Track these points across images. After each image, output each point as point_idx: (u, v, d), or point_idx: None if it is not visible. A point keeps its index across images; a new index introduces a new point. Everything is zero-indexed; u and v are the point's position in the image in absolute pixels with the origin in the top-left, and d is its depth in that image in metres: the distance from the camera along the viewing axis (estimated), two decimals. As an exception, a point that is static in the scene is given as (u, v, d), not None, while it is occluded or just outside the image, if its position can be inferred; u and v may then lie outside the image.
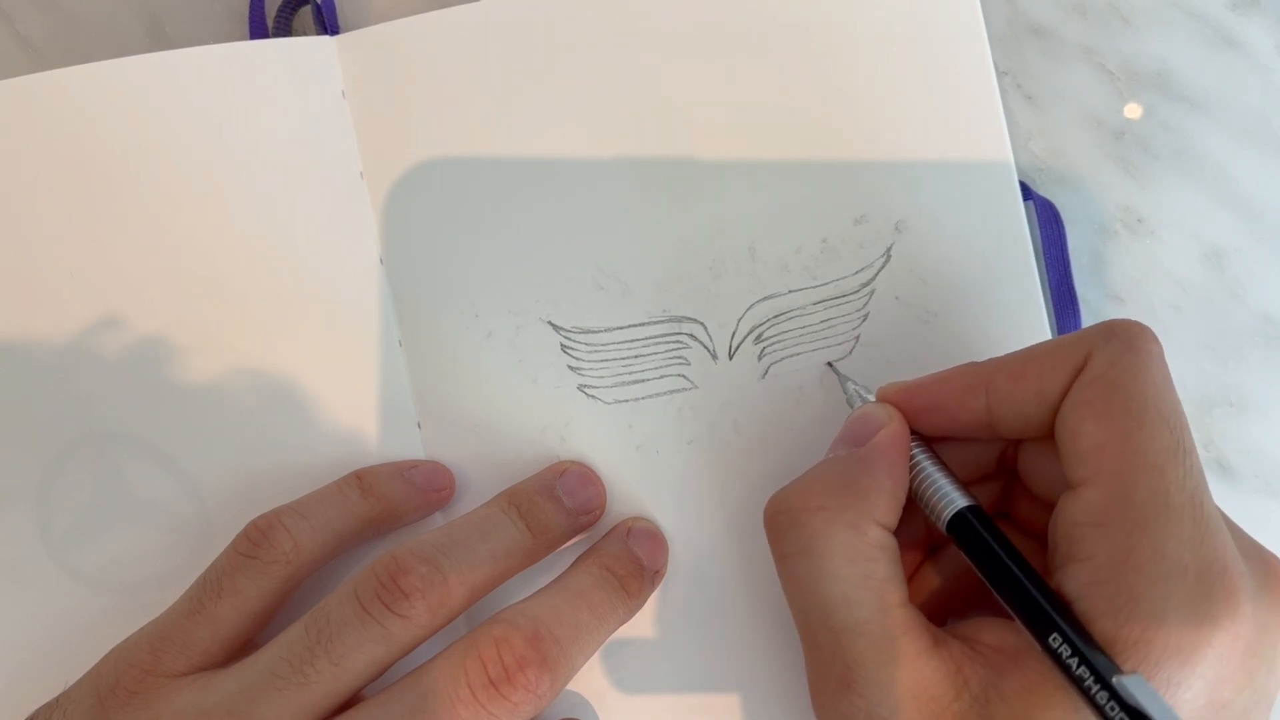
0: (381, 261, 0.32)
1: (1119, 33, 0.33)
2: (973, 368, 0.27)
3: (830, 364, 0.31)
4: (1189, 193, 0.33)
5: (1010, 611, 0.24)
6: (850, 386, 0.29)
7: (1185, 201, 0.32)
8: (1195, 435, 0.32)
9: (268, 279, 0.32)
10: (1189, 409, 0.32)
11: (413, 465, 0.31)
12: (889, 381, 0.28)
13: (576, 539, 0.31)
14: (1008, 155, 0.31)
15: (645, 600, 0.30)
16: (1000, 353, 0.27)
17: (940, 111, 0.31)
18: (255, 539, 0.28)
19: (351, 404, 0.32)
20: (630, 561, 0.30)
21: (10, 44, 0.35)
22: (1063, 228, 0.32)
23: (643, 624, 0.31)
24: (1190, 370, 0.32)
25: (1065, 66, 0.33)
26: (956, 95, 0.31)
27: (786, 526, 0.26)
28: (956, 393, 0.27)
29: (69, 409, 0.31)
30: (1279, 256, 0.32)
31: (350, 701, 0.27)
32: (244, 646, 0.28)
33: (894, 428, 0.27)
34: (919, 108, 0.31)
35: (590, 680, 0.31)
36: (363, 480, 0.30)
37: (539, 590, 0.29)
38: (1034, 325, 0.31)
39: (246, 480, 0.31)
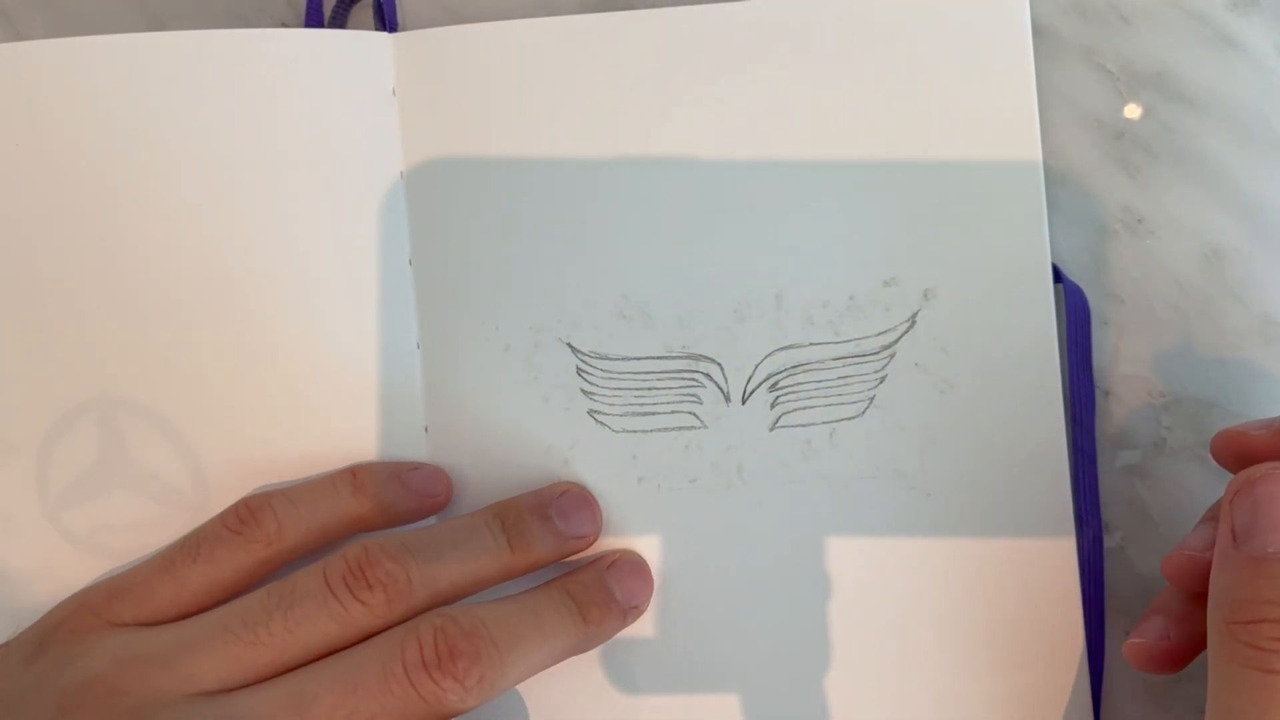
0: (410, 263, 0.32)
1: (1119, 33, 0.32)
2: None
3: None
4: (1189, 193, 0.31)
5: None
6: None
7: (1185, 201, 0.31)
8: (1195, 437, 0.30)
9: (293, 266, 0.31)
10: (1189, 410, 0.31)
11: (413, 468, 0.30)
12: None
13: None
14: (1044, 241, 0.30)
15: (608, 631, 0.29)
16: (1012, 434, 0.28)
17: (982, 189, 0.31)
18: (243, 516, 0.28)
19: (361, 401, 0.31)
20: (598, 590, 0.29)
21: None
22: (1088, 314, 0.31)
23: (622, 669, 0.30)
24: (1190, 371, 0.31)
25: (1065, 66, 0.32)
26: (1001, 174, 0.31)
27: None
28: None
29: (84, 367, 0.30)
30: (1279, 256, 0.31)
31: None
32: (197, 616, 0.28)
33: None
34: (961, 178, 0.31)
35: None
36: (356, 478, 0.29)
37: (496, 599, 0.28)
38: (1048, 414, 0.30)
39: (248, 465, 0.30)
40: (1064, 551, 0.30)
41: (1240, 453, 0.27)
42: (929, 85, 0.31)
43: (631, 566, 0.30)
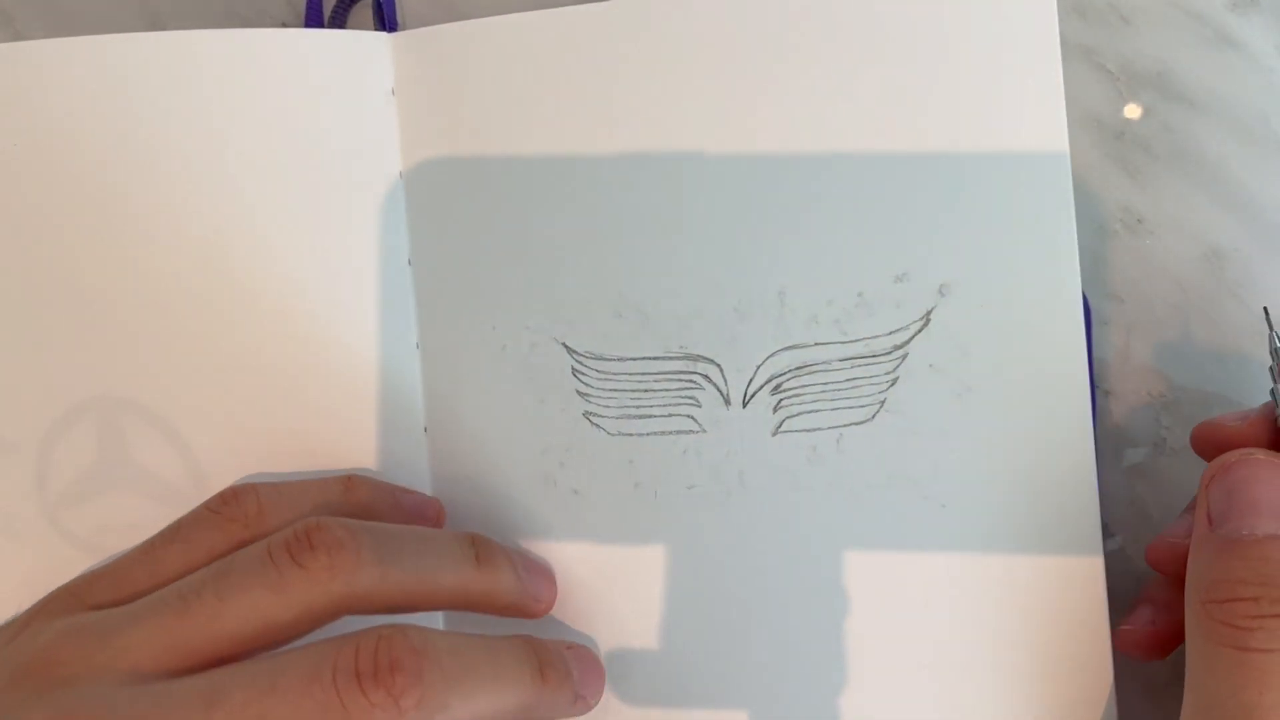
0: (410, 263, 0.31)
1: (1119, 33, 0.32)
2: None
3: (1266, 309, 0.27)
4: (1189, 193, 0.31)
5: None
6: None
7: (1185, 201, 0.31)
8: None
9: (293, 266, 0.30)
10: (1189, 410, 0.30)
11: (408, 491, 0.30)
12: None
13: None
14: (1071, 234, 0.28)
15: (558, 706, 0.27)
16: (1035, 440, 0.27)
17: (1003, 180, 0.29)
18: (226, 498, 0.27)
19: (361, 401, 0.31)
20: (558, 656, 0.27)
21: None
22: (1090, 315, 0.29)
23: (622, 681, 0.30)
24: (1190, 370, 0.31)
25: (1065, 66, 0.31)
26: (1024, 165, 0.29)
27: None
28: None
29: (84, 367, 0.30)
30: (1279, 256, 0.31)
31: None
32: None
33: None
34: (980, 168, 0.29)
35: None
36: (350, 480, 0.29)
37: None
38: (1074, 420, 0.28)
39: (249, 465, 0.30)
40: (1091, 570, 0.28)
41: (1216, 443, 0.27)
42: (945, 73, 0.29)
43: (589, 656, 0.29)
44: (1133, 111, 0.32)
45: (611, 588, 0.30)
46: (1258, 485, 0.23)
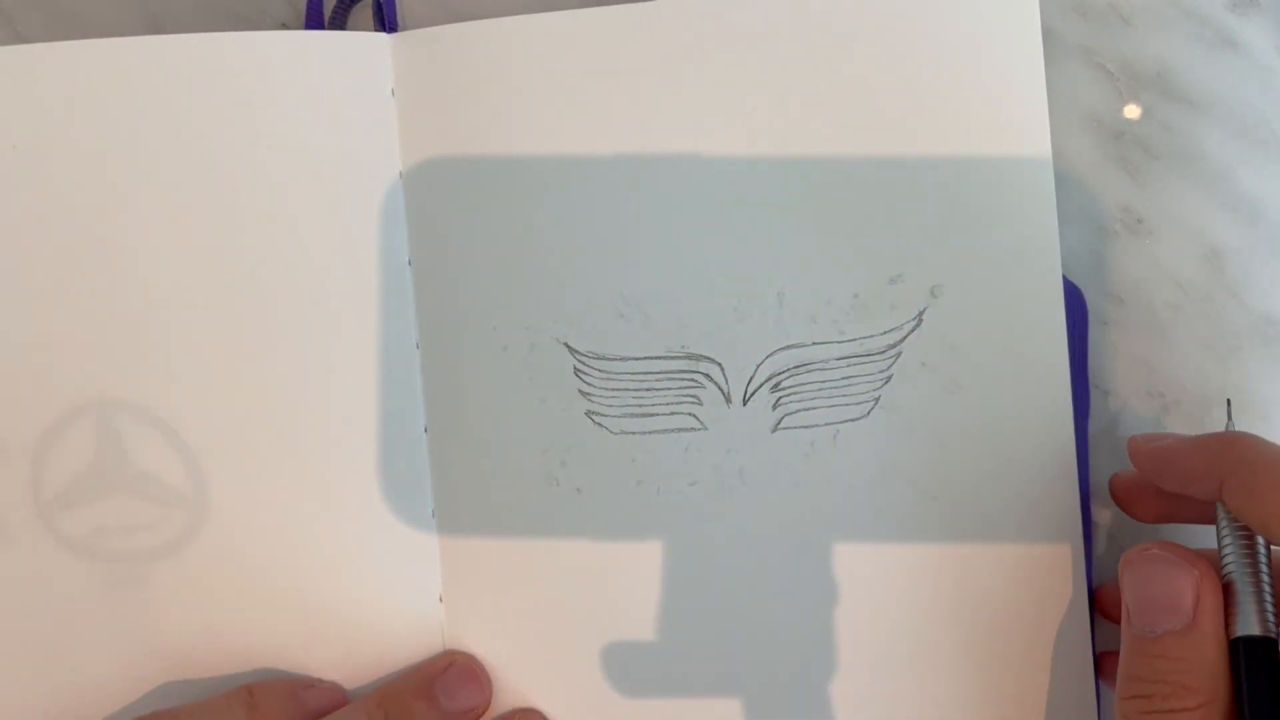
0: (409, 263, 0.31)
1: (1119, 33, 0.32)
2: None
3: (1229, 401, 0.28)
4: (1189, 193, 0.31)
5: None
6: None
7: (1185, 201, 0.31)
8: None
9: (292, 266, 0.30)
10: (1189, 410, 0.30)
11: (308, 685, 0.29)
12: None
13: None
14: (1054, 238, 0.29)
15: None
16: (1021, 435, 0.28)
17: (991, 185, 0.29)
18: None
19: (362, 401, 0.30)
20: (414, 700, 0.29)
21: (10, 44, 0.34)
22: (1085, 315, 0.30)
23: (623, 675, 0.30)
24: (1190, 371, 0.31)
25: (1065, 66, 0.32)
26: (1010, 170, 0.29)
27: None
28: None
29: (82, 369, 0.30)
30: (1279, 256, 0.31)
31: None
32: None
33: (1210, 600, 0.24)
34: (969, 174, 0.30)
35: None
36: (253, 695, 0.28)
37: None
38: (1058, 416, 0.29)
39: (248, 466, 0.30)
40: (1074, 557, 0.29)
41: (1117, 492, 0.29)
42: (936, 80, 0.30)
43: (463, 672, 0.30)
44: (1133, 111, 0.32)
45: (613, 584, 0.30)
46: (1153, 583, 0.25)
